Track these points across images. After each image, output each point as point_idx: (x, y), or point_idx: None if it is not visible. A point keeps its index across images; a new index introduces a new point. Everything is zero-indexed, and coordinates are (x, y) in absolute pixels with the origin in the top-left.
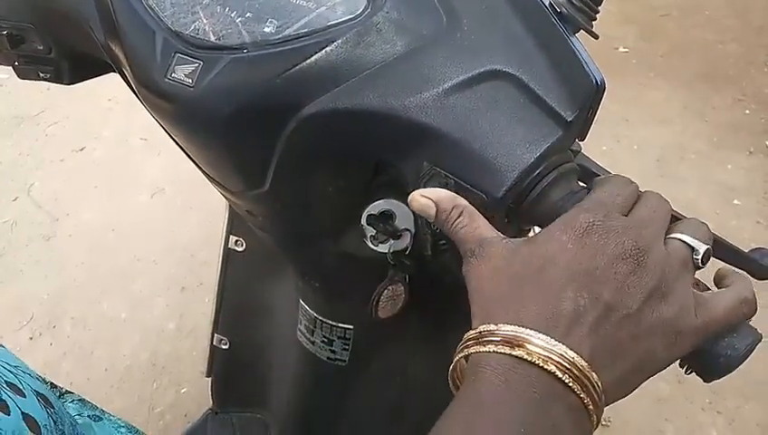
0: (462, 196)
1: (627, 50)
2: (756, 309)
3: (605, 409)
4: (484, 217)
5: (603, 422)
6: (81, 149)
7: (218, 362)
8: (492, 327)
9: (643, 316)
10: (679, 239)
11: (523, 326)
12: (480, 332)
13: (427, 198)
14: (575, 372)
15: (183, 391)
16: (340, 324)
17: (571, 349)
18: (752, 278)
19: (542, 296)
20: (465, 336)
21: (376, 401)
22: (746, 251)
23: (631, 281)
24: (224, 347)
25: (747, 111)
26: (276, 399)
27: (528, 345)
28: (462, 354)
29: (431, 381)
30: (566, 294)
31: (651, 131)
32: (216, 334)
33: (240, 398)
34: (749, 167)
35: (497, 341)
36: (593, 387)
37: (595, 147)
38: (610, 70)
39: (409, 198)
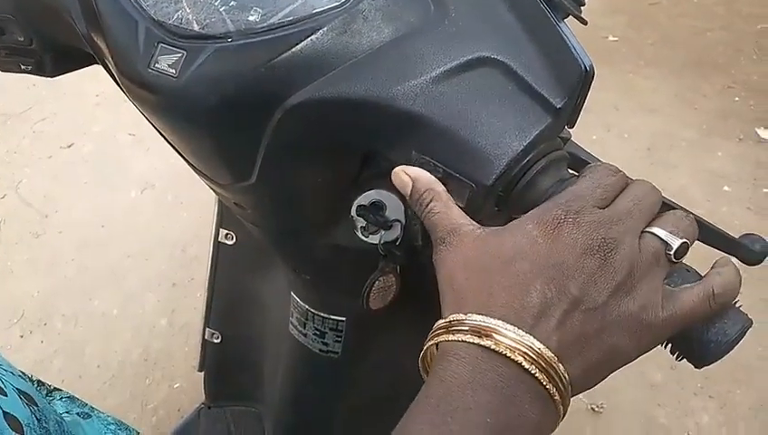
0: (451, 184)
1: (616, 39)
2: (730, 302)
3: (598, 394)
4: (474, 205)
5: (596, 408)
6: (70, 146)
7: (210, 356)
8: (461, 317)
9: (608, 310)
10: (653, 233)
11: (491, 317)
12: (449, 321)
13: (407, 175)
14: (542, 363)
15: (176, 386)
16: (331, 316)
17: (538, 340)
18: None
19: (510, 288)
20: (436, 325)
21: (369, 392)
22: (736, 237)
23: (598, 276)
24: (216, 341)
25: (737, 99)
26: (269, 392)
27: (496, 335)
28: (432, 342)
29: (419, 378)
30: (534, 287)
31: (641, 120)
32: (207, 328)
33: (233, 392)
34: (739, 154)
35: (466, 330)
36: (560, 378)
37: (585, 136)
38: (600, 59)
39: (393, 171)
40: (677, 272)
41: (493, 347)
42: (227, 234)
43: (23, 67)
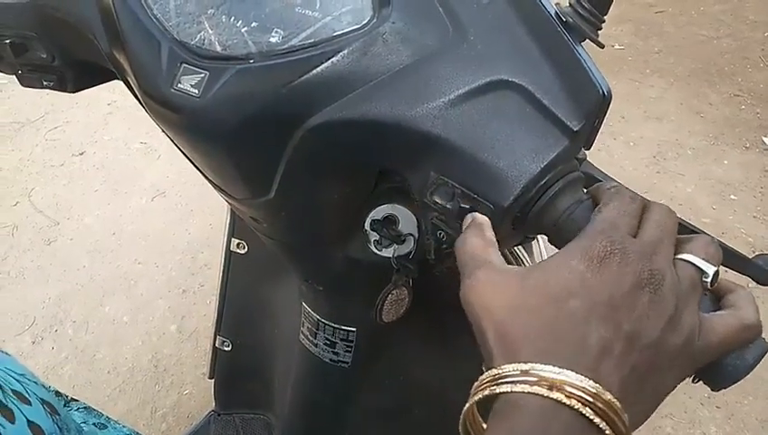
0: (469, 205)
1: (622, 47)
2: (760, 333)
3: None
4: (492, 225)
5: None
6: (82, 154)
7: (221, 363)
8: (524, 367)
9: (661, 345)
10: (689, 262)
11: (556, 365)
12: (507, 371)
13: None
14: (609, 414)
15: (185, 392)
16: (342, 327)
17: (603, 387)
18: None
19: (567, 330)
20: (484, 376)
21: (379, 402)
22: (750, 257)
23: (651, 310)
24: (226, 349)
25: (743, 107)
26: (279, 400)
27: (566, 387)
28: (486, 393)
29: (434, 382)
30: (591, 328)
31: (647, 128)
32: (218, 336)
33: (243, 399)
34: (745, 162)
35: (532, 381)
36: (624, 426)
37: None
38: (606, 67)
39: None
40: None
41: (564, 401)
42: (239, 243)
43: (45, 83)
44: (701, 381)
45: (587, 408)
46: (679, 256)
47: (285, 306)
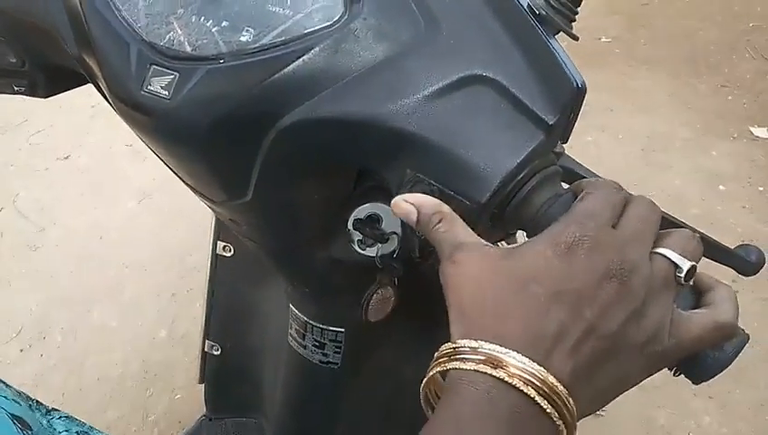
0: (446, 202)
1: (609, 40)
2: (734, 333)
3: None
4: (468, 222)
5: (597, 413)
6: (66, 157)
7: (211, 368)
8: (473, 344)
9: (621, 337)
10: (664, 256)
11: (504, 346)
12: (460, 347)
13: (409, 203)
14: (554, 398)
15: (177, 397)
16: (330, 328)
17: (551, 373)
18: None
19: (525, 315)
20: (443, 348)
21: (370, 402)
22: (732, 248)
23: (616, 301)
24: (216, 353)
25: (730, 97)
26: (270, 403)
27: (509, 368)
28: (439, 369)
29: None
30: (549, 314)
31: (636, 120)
32: (207, 340)
33: (234, 403)
34: (734, 152)
35: (478, 359)
36: (569, 411)
37: (580, 137)
38: (594, 60)
39: (392, 202)
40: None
41: (506, 379)
42: (225, 246)
43: (16, 88)
44: (681, 374)
45: (530, 388)
46: (656, 250)
47: (273, 309)
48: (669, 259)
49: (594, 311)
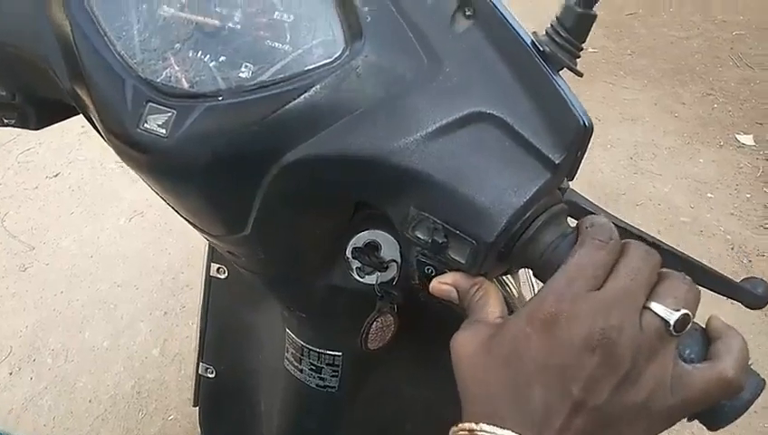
0: (452, 241)
1: (595, 50)
2: (741, 389)
3: None
4: (475, 262)
5: None
6: (56, 175)
7: (205, 391)
8: (473, 426)
9: (615, 405)
10: (652, 310)
11: (501, 427)
12: (462, 428)
13: (447, 284)
14: None
15: (170, 418)
16: (328, 352)
17: None
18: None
19: (511, 394)
20: (454, 429)
21: (368, 426)
22: (737, 281)
23: (601, 372)
24: (210, 376)
25: (715, 105)
26: (266, 427)
27: None
28: None
29: (423, 402)
30: (533, 392)
31: (623, 130)
32: (201, 363)
33: (229, 427)
34: (720, 160)
35: None
36: None
37: None
38: (580, 70)
39: (430, 287)
40: (684, 336)
41: None
42: (219, 268)
43: (6, 121)
44: (697, 420)
45: None
46: (646, 305)
47: (269, 332)
48: (658, 315)
49: (579, 385)
